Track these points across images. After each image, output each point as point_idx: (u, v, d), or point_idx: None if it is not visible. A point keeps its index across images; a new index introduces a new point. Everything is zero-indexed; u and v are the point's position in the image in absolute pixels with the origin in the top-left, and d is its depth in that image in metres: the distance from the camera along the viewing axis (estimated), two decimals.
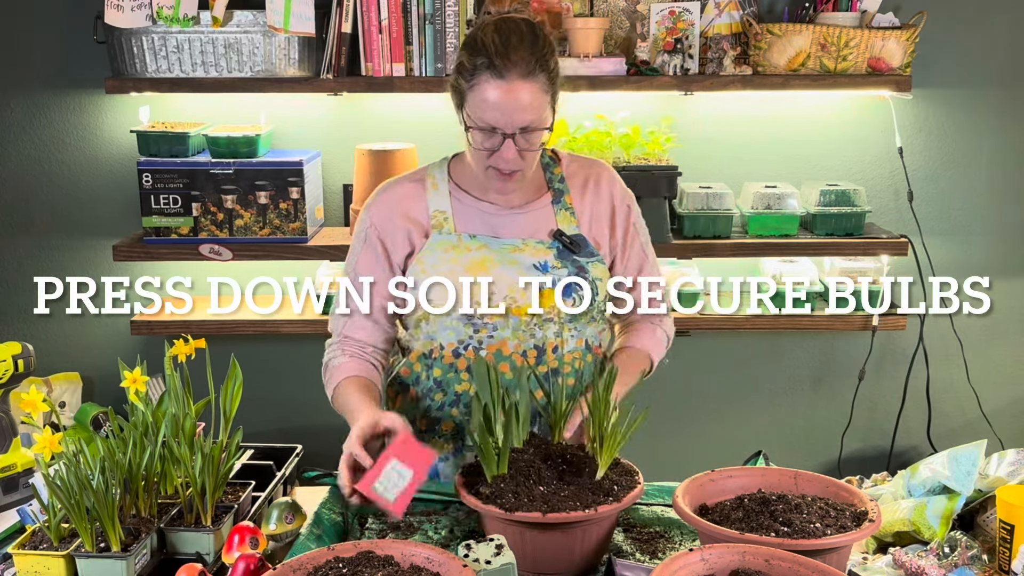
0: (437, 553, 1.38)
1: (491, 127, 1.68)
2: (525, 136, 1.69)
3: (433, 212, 1.83)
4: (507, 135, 1.68)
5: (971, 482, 1.57)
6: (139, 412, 1.63)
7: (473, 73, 1.67)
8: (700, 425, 3.27)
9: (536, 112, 1.68)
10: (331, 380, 1.83)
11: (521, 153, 1.70)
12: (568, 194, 1.86)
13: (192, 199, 2.84)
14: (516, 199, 1.84)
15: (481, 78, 1.66)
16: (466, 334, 1.80)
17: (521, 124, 1.68)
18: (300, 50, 2.81)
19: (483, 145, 1.70)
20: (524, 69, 1.65)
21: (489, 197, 1.84)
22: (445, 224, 1.82)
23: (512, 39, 1.66)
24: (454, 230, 1.81)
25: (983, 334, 3.16)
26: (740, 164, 3.06)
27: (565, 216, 1.85)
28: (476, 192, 1.84)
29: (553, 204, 1.85)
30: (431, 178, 1.87)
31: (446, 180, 1.86)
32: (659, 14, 2.82)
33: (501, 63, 1.65)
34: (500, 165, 1.72)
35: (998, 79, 3.05)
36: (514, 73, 1.65)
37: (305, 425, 3.22)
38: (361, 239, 1.87)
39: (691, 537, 1.64)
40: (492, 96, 1.66)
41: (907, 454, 3.21)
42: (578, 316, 1.81)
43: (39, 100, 3.04)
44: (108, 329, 3.13)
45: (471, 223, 1.83)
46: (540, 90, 1.68)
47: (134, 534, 1.53)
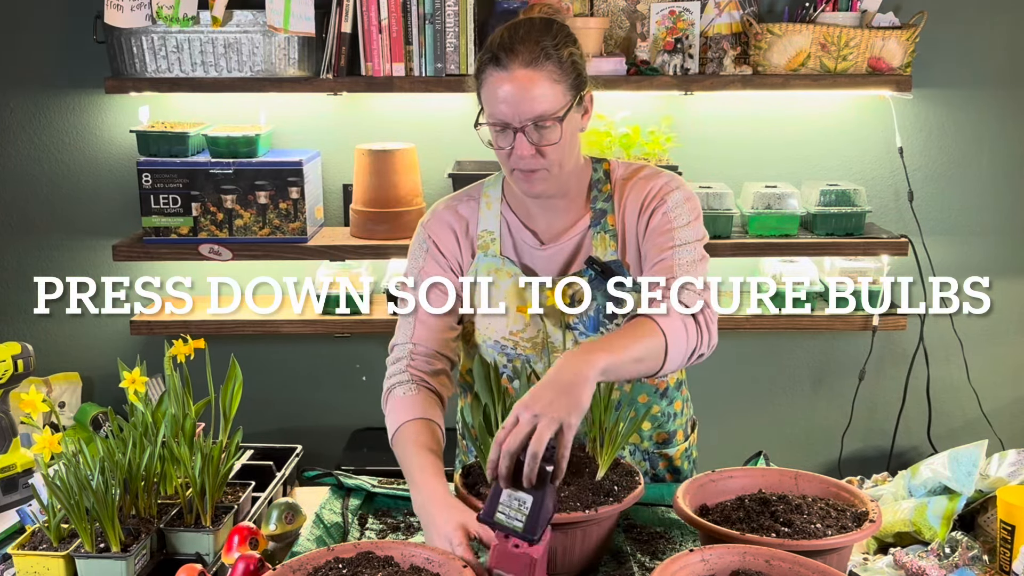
0: (437, 554, 1.38)
1: (503, 123, 1.61)
2: (539, 131, 1.60)
3: (481, 232, 1.77)
4: (516, 129, 1.60)
5: (972, 482, 1.57)
6: (139, 412, 1.63)
7: (481, 69, 1.63)
8: (700, 425, 3.26)
9: (546, 103, 1.59)
10: (393, 414, 1.70)
11: (539, 150, 1.61)
12: (611, 214, 1.75)
13: (192, 199, 2.84)
14: (557, 224, 1.75)
15: (486, 72, 1.61)
16: (500, 362, 1.76)
17: (529, 116, 1.59)
18: (300, 50, 2.81)
19: (499, 143, 1.64)
20: (527, 57, 1.58)
21: (532, 222, 1.77)
22: (491, 245, 1.76)
23: (520, 31, 1.61)
24: (499, 253, 1.77)
25: (983, 334, 3.16)
26: (740, 164, 3.06)
27: (603, 239, 1.74)
28: (522, 215, 1.78)
29: (592, 227, 1.74)
30: (486, 196, 1.80)
31: (499, 199, 1.79)
32: (659, 14, 2.82)
33: (503, 54, 1.59)
34: (519, 164, 1.64)
35: (998, 79, 3.05)
36: (516, 62, 1.58)
37: (305, 425, 3.22)
38: (423, 250, 1.80)
39: (691, 537, 1.64)
40: (496, 87, 1.60)
41: (907, 454, 3.21)
42: None
43: (39, 100, 3.04)
44: (108, 329, 3.13)
45: (512, 251, 1.77)
46: (548, 79, 1.59)
47: (134, 534, 1.53)
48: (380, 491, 1.80)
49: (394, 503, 1.79)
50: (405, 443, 1.64)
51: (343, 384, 3.20)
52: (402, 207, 2.87)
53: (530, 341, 1.75)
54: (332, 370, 3.21)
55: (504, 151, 1.64)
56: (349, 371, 3.20)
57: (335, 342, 3.14)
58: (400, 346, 1.77)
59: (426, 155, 2.95)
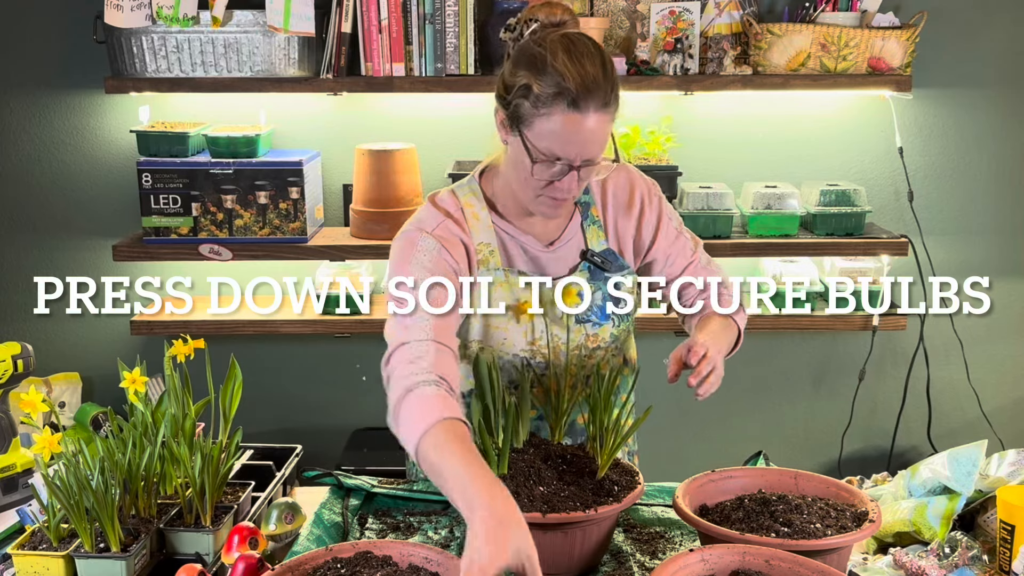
0: (436, 553, 1.38)
1: (556, 157, 1.56)
2: (587, 167, 1.59)
3: (478, 245, 1.71)
4: (573, 167, 1.57)
5: (971, 482, 1.57)
6: (139, 412, 1.63)
7: (547, 102, 1.53)
8: (700, 425, 3.27)
9: (604, 143, 1.59)
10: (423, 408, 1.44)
11: (579, 182, 1.62)
12: (594, 205, 1.78)
13: (192, 199, 2.84)
14: (552, 227, 1.75)
15: (555, 108, 1.53)
16: (519, 376, 1.70)
17: (589, 156, 1.57)
18: (300, 50, 2.81)
19: (543, 175, 1.59)
20: (601, 101, 1.54)
21: (527, 227, 1.74)
22: (491, 259, 1.71)
23: (587, 66, 1.54)
24: (500, 265, 1.72)
25: (983, 334, 3.15)
26: (740, 164, 3.06)
27: (594, 232, 1.77)
28: (517, 222, 1.74)
29: (583, 221, 1.77)
30: (469, 207, 1.72)
31: (484, 209, 1.73)
32: (659, 14, 2.82)
33: (581, 95, 1.52)
34: (557, 195, 1.61)
35: (998, 79, 3.05)
36: (591, 106, 1.53)
37: (305, 425, 3.22)
38: (435, 251, 1.65)
39: (691, 537, 1.64)
40: (568, 128, 1.53)
41: (907, 454, 3.21)
42: (618, 335, 1.78)
43: (39, 100, 3.04)
44: (108, 329, 3.13)
45: (517, 259, 1.74)
46: (610, 119, 1.58)
47: (133, 534, 1.53)
48: (380, 491, 1.80)
49: (394, 503, 1.80)
50: (452, 441, 1.38)
51: (343, 384, 3.21)
52: (402, 207, 2.86)
53: (547, 346, 1.73)
54: (332, 370, 3.21)
55: (542, 181, 1.60)
56: (349, 371, 3.20)
57: (335, 342, 3.14)
58: (418, 344, 1.54)
59: (426, 155, 2.95)
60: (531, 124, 1.56)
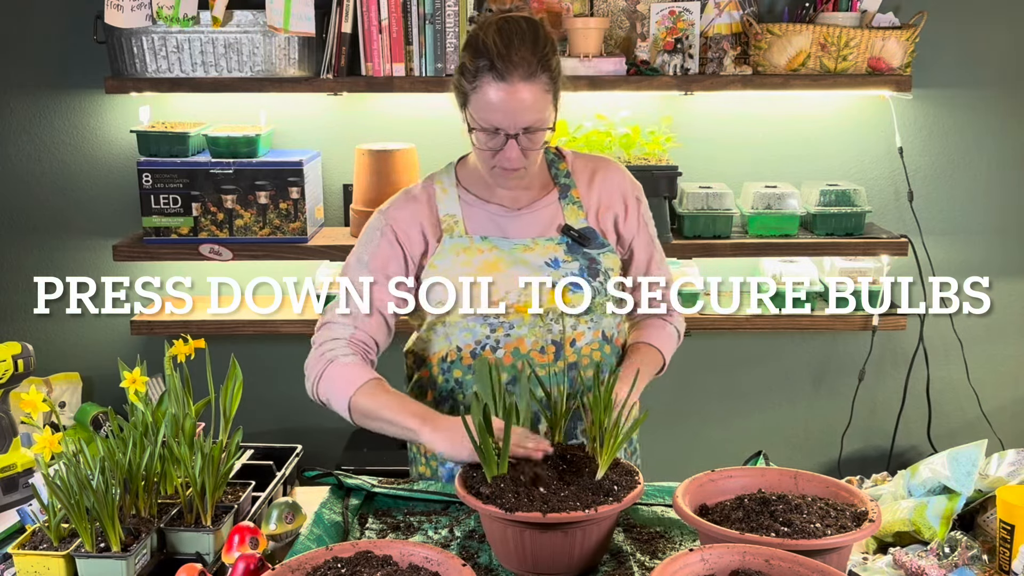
0: (436, 553, 1.38)
1: (494, 128, 1.70)
2: (528, 136, 1.71)
3: (443, 216, 1.84)
4: (510, 135, 1.70)
5: (971, 482, 1.57)
6: (139, 412, 1.63)
7: (476, 75, 1.69)
8: (700, 425, 3.27)
9: (538, 112, 1.70)
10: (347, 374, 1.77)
11: (524, 152, 1.72)
12: (575, 188, 1.88)
13: (192, 199, 2.84)
14: (524, 198, 1.86)
15: (483, 80, 1.68)
16: (482, 334, 1.81)
17: (524, 124, 1.69)
18: (300, 50, 2.81)
19: (487, 145, 1.73)
20: (526, 71, 1.66)
21: (496, 198, 1.86)
22: (456, 227, 1.83)
23: (514, 40, 1.67)
24: (464, 232, 1.83)
25: (983, 334, 3.16)
26: (740, 164, 3.06)
27: (572, 210, 1.86)
28: (483, 194, 1.86)
29: (560, 199, 1.87)
30: (439, 183, 1.88)
31: (454, 184, 1.87)
32: (659, 14, 2.82)
33: (503, 65, 1.66)
34: (504, 164, 1.74)
35: (998, 79, 3.05)
36: (516, 75, 1.66)
37: (305, 425, 3.22)
38: (377, 235, 1.85)
39: (691, 537, 1.64)
40: (494, 98, 1.67)
41: (907, 454, 3.21)
42: (593, 308, 1.82)
43: (39, 100, 3.04)
44: (108, 329, 3.13)
45: (481, 225, 1.84)
46: (542, 90, 1.69)
47: (134, 534, 1.53)
48: (380, 491, 1.80)
49: (394, 503, 1.80)
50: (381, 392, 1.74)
51: None
52: None
53: (513, 307, 1.80)
54: None
55: (489, 152, 1.73)
56: None
57: None
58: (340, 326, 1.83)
59: (426, 155, 2.95)
60: (470, 99, 1.71)
